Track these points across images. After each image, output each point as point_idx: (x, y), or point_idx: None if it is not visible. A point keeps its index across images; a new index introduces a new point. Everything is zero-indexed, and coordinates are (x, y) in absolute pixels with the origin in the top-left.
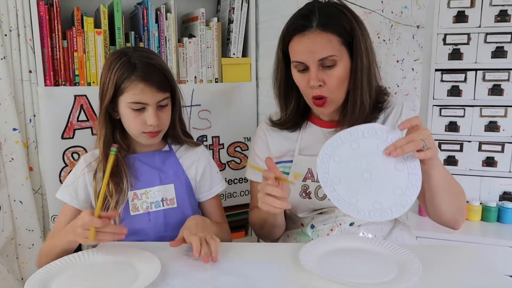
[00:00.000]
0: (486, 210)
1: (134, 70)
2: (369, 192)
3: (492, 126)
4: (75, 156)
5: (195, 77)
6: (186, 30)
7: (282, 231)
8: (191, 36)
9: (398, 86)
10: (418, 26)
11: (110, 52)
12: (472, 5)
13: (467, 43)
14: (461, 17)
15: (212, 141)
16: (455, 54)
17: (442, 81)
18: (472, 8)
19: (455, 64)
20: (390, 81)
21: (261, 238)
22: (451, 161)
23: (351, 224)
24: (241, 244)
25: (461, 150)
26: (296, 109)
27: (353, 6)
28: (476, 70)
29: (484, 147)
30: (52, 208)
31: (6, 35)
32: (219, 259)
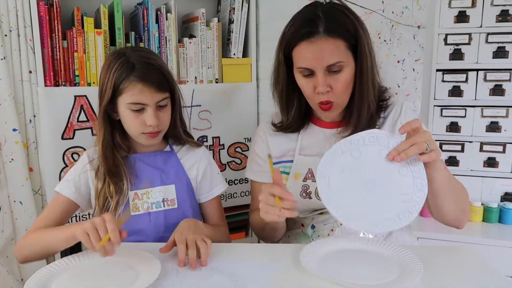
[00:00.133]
0: (488, 211)
1: (132, 70)
2: (375, 201)
3: (493, 127)
4: (75, 156)
5: (196, 77)
6: (186, 30)
7: (283, 233)
8: (192, 36)
9: (399, 86)
10: (419, 26)
11: (109, 52)
12: (473, 5)
13: (468, 43)
14: (462, 17)
15: (212, 141)
16: (456, 54)
17: (443, 81)
18: (473, 8)
19: (456, 64)
20: (391, 81)
21: (262, 239)
22: (452, 161)
23: None
24: (242, 245)
25: (462, 150)
26: (298, 112)
27: (353, 7)
28: (477, 70)
29: (485, 148)
30: None
31: (6, 36)
32: (220, 260)
